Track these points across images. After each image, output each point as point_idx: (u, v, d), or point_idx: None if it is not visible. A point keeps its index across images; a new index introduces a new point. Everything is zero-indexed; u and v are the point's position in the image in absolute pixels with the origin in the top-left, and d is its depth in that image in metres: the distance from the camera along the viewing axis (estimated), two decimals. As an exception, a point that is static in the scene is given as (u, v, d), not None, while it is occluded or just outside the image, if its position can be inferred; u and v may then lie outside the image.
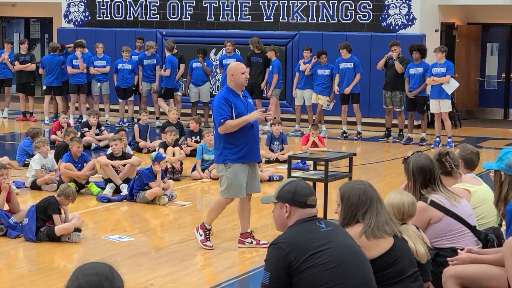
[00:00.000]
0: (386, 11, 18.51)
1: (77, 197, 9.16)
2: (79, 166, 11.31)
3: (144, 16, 20.68)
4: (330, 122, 17.79)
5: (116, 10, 20.97)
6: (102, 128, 15.70)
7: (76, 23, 21.40)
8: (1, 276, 7.70)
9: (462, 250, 5.76)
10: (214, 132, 8.47)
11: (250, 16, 19.65)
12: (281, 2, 19.33)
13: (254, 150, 8.40)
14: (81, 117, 18.58)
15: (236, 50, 18.26)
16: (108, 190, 11.00)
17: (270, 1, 19.42)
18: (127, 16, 20.86)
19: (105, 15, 21.11)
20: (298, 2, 19.18)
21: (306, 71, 17.22)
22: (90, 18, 21.26)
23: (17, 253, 8.52)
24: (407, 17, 18.35)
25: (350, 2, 18.74)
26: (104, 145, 14.83)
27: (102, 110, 18.58)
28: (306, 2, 19.12)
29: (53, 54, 18.61)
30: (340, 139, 16.86)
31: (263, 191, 11.55)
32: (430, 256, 5.28)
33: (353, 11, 18.75)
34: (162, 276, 7.57)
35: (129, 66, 18.37)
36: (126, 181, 11.16)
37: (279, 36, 19.10)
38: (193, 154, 13.24)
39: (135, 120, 17.43)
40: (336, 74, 16.89)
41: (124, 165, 11.35)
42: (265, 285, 4.49)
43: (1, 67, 19.45)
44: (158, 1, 20.48)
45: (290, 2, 19.26)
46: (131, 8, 20.79)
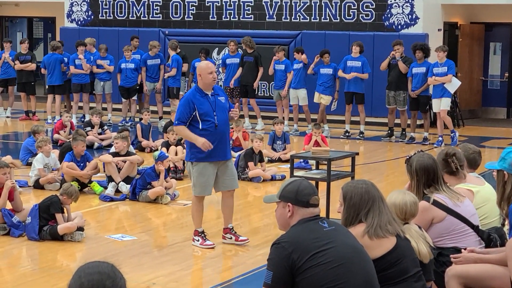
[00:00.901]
0: (388, 11, 18.50)
1: (79, 196, 9.17)
2: (82, 165, 11.32)
3: (146, 15, 20.69)
4: (332, 122, 17.79)
5: (118, 10, 20.98)
6: (105, 127, 15.71)
7: (79, 23, 21.41)
8: (4, 275, 7.72)
9: (465, 250, 5.75)
10: None
11: (252, 15, 19.65)
12: (283, 1, 19.32)
13: (221, 149, 8.41)
14: (83, 116, 18.60)
15: (239, 49, 18.27)
16: (110, 190, 11.00)
17: (273, 0, 19.41)
18: (130, 15, 20.87)
19: (107, 15, 21.12)
20: (301, 1, 19.17)
21: (309, 71, 17.22)
22: (92, 17, 21.27)
23: (20, 252, 8.53)
24: (410, 16, 18.33)
25: (353, 1, 18.73)
26: (106, 144, 14.85)
27: (105, 109, 18.60)
28: (308, 1, 19.11)
29: (52, 53, 18.65)
30: (342, 139, 16.86)
31: (266, 190, 11.56)
32: (432, 255, 5.28)
33: (355, 11, 18.74)
34: (165, 275, 7.57)
35: (132, 65, 18.38)
36: (127, 180, 11.16)
37: (282, 35, 19.10)
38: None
39: (138, 119, 17.44)
40: (338, 70, 16.86)
41: (124, 161, 11.35)
42: (267, 284, 4.48)
43: (4, 67, 19.48)
44: (161, 0, 20.48)
45: (293, 1, 19.25)
46: (134, 7, 20.80)
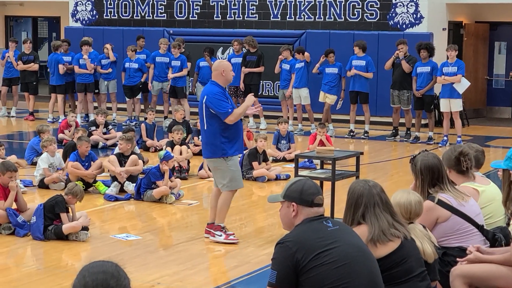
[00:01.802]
0: (393, 10, 18.49)
1: (84, 195, 9.18)
2: (86, 165, 11.33)
3: (151, 15, 20.70)
4: (337, 121, 17.78)
5: (123, 9, 21.00)
6: (110, 127, 15.73)
7: (83, 22, 21.43)
8: (9, 274, 7.73)
9: (470, 246, 5.74)
10: (206, 128, 8.55)
11: (257, 14, 19.64)
12: (288, 0, 19.31)
13: (241, 143, 8.82)
14: (87, 115, 18.62)
15: (243, 48, 18.27)
16: (111, 189, 11.00)
17: (277, -1, 19.42)
18: (134, 15, 20.88)
19: (112, 14, 21.14)
20: (305, 0, 19.16)
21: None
22: (97, 17, 21.29)
23: (25, 251, 8.54)
24: (415, 15, 18.31)
25: (357, 0, 18.72)
26: (111, 143, 14.87)
27: (110, 109, 18.62)
28: (313, 0, 19.10)
29: (54, 52, 18.71)
30: (347, 138, 16.85)
31: (270, 190, 11.56)
32: (437, 255, 5.27)
33: (360, 10, 18.73)
34: (169, 274, 7.58)
35: (135, 65, 18.39)
36: (131, 179, 11.16)
37: (286, 34, 19.09)
38: (200, 153, 13.24)
39: (143, 119, 17.45)
40: (346, 71, 16.86)
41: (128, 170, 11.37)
42: (272, 284, 4.48)
43: (8, 66, 19.50)
44: (165, 0, 20.49)
45: (297, 1, 19.24)
46: (138, 7, 20.81)
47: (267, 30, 19.30)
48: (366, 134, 16.93)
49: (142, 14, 20.80)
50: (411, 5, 18.32)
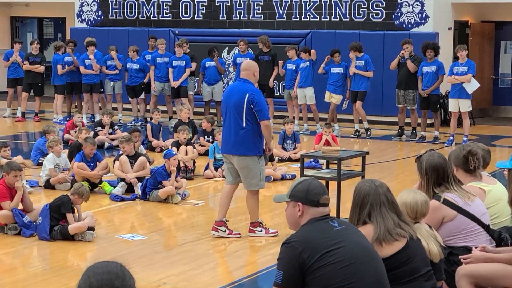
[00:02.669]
0: (399, 9, 18.47)
1: (90, 196, 9.19)
2: (92, 165, 11.35)
3: (156, 15, 20.72)
4: (343, 121, 17.77)
5: (128, 10, 21.02)
6: (115, 127, 15.74)
7: (89, 23, 21.46)
8: (15, 274, 7.74)
9: (476, 248, 5.73)
10: (244, 125, 8.56)
11: (262, 15, 19.64)
12: (293, 0, 19.31)
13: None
14: (93, 116, 18.65)
15: (249, 48, 18.26)
16: (117, 189, 11.01)
17: (283, -1, 19.42)
18: (140, 15, 20.90)
19: (117, 15, 21.16)
20: (311, 0, 19.15)
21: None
22: (103, 17, 21.32)
23: (31, 251, 8.56)
24: (420, 15, 18.29)
25: (363, 0, 18.71)
26: (117, 144, 14.87)
27: (115, 109, 18.64)
28: (318, 0, 19.09)
29: (56, 53, 18.78)
30: (353, 138, 16.84)
31: (276, 190, 11.55)
32: (443, 255, 5.26)
33: (365, 10, 18.72)
34: (175, 274, 7.58)
35: (136, 66, 18.41)
36: (138, 179, 11.17)
37: (292, 34, 19.08)
38: (206, 153, 13.26)
39: (148, 119, 17.46)
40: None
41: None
42: (277, 284, 4.48)
43: (13, 67, 19.53)
44: (171, 0, 20.51)
45: (303, 0, 19.23)
46: (144, 7, 20.83)
47: (273, 30, 19.28)
48: (368, 132, 16.87)
49: (148, 15, 20.82)
50: (417, 4, 18.30)
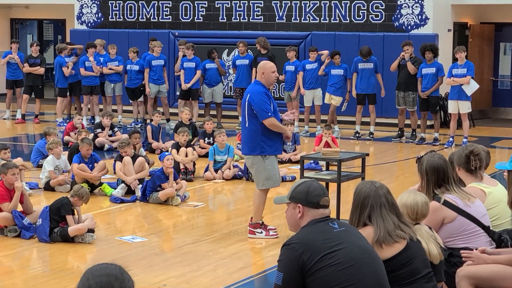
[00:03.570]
0: (398, 11, 18.47)
1: (90, 197, 9.19)
2: (90, 166, 11.36)
3: (156, 17, 20.72)
4: (342, 123, 17.76)
5: (128, 12, 21.02)
6: (115, 129, 15.74)
7: (89, 25, 21.46)
8: (15, 276, 7.74)
9: (476, 250, 5.73)
10: (247, 126, 8.66)
11: (262, 16, 19.65)
12: (293, 2, 19.32)
13: (281, 143, 8.96)
14: (93, 118, 18.65)
15: (248, 50, 18.27)
16: (117, 191, 11.01)
17: (282, 1, 19.41)
18: (140, 17, 20.90)
19: (117, 17, 21.16)
20: (310, 2, 19.16)
21: (320, 72, 17.20)
22: (102, 19, 21.32)
23: (30, 253, 8.55)
24: (420, 17, 18.30)
25: (363, 2, 18.71)
26: (117, 146, 14.86)
27: (115, 111, 18.63)
28: (318, 2, 19.10)
29: (58, 55, 18.78)
30: (353, 139, 16.83)
31: (276, 191, 11.55)
32: (443, 256, 5.26)
33: (365, 11, 18.72)
34: (175, 276, 7.58)
35: (136, 67, 18.41)
36: (138, 180, 11.17)
37: (292, 36, 19.09)
38: (206, 155, 13.25)
39: (148, 121, 17.45)
40: (353, 73, 16.83)
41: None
42: (278, 285, 4.48)
43: (12, 68, 19.49)
44: (171, 2, 20.51)
45: (302, 2, 19.24)
46: (144, 9, 20.83)
47: (272, 32, 19.29)
48: (371, 136, 16.91)
49: (148, 16, 20.82)
50: (416, 6, 18.31)
